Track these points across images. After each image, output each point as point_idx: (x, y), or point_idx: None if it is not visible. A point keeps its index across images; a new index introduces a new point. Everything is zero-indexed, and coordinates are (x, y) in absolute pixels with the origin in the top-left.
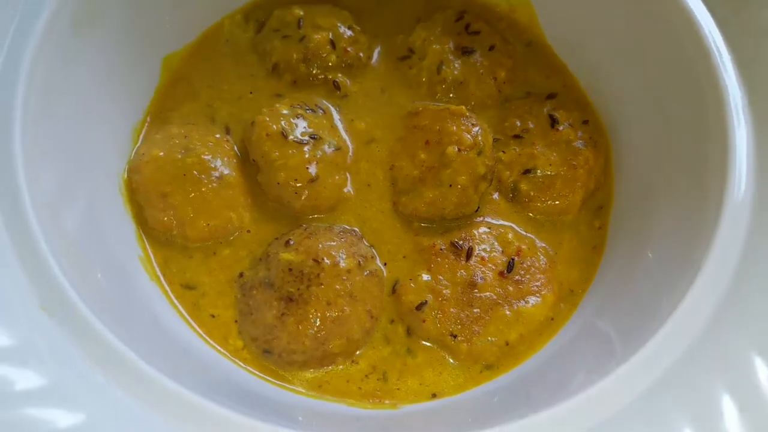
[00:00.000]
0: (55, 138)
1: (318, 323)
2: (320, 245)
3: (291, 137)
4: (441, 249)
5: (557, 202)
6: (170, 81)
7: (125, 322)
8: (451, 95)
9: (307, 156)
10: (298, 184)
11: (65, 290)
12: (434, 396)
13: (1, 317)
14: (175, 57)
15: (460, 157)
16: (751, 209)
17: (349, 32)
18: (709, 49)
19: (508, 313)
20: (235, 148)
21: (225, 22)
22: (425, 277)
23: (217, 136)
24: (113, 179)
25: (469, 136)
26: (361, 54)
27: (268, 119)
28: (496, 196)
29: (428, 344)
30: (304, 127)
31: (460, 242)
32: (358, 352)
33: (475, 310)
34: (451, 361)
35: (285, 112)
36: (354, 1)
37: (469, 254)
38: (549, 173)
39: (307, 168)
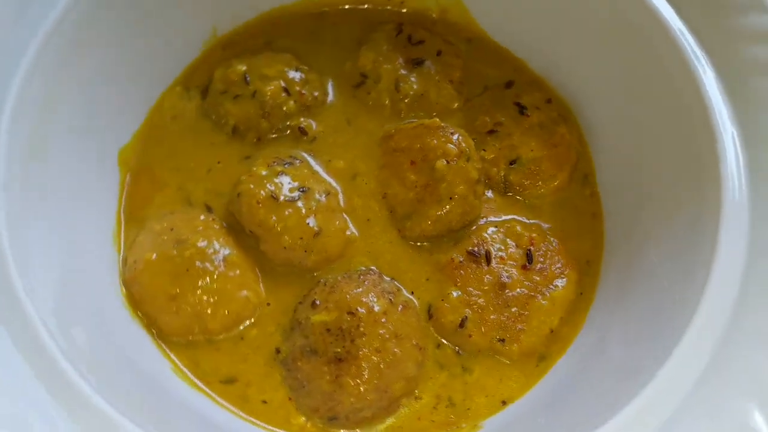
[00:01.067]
0: (46, 256)
1: (375, 373)
2: (348, 296)
3: (282, 197)
4: (460, 261)
5: (548, 183)
6: (132, 175)
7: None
8: (415, 109)
9: (303, 211)
10: (304, 242)
11: (109, 415)
12: (504, 403)
13: None
14: (128, 150)
15: (451, 168)
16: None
17: (298, 75)
18: (660, 19)
19: (543, 302)
20: (224, 225)
21: (164, 98)
22: (455, 293)
23: (201, 218)
24: (111, 295)
25: (452, 145)
26: (316, 93)
27: (252, 186)
28: (490, 194)
29: (480, 356)
30: (290, 183)
31: (476, 249)
32: (418, 388)
33: (513, 310)
34: (507, 363)
35: (264, 173)
36: (288, 42)
37: (488, 258)
38: (533, 158)
39: (308, 223)
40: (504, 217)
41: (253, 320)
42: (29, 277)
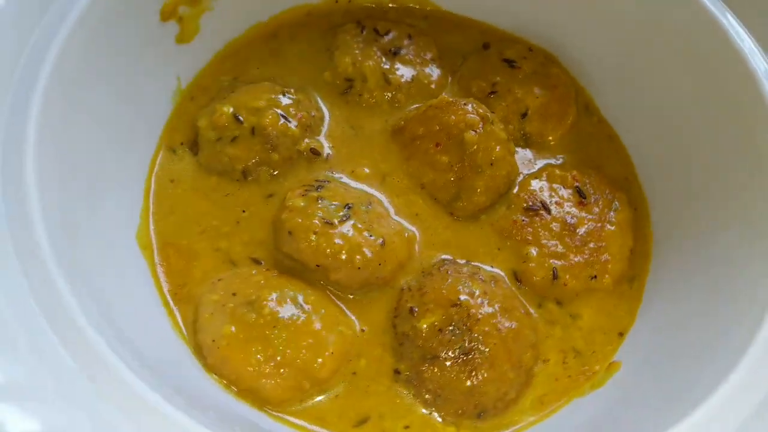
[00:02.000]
0: None
1: (505, 353)
2: (443, 291)
3: (334, 220)
4: (523, 221)
5: (564, 121)
6: (160, 256)
7: None
8: (412, 95)
9: (360, 226)
10: (373, 256)
11: None
12: (621, 334)
13: None
14: (141, 231)
15: (480, 136)
16: None
17: (286, 98)
18: None
19: (612, 228)
20: (279, 271)
21: (154, 168)
22: (533, 251)
23: (254, 272)
24: (206, 389)
25: (472, 115)
26: (313, 112)
27: (300, 220)
28: (515, 150)
29: (581, 299)
30: (332, 204)
31: (531, 204)
32: (542, 352)
33: (591, 245)
34: (607, 295)
35: (303, 204)
36: (256, 71)
37: (546, 207)
38: (541, 104)
39: (369, 237)
40: (538, 167)
41: (357, 353)
42: None
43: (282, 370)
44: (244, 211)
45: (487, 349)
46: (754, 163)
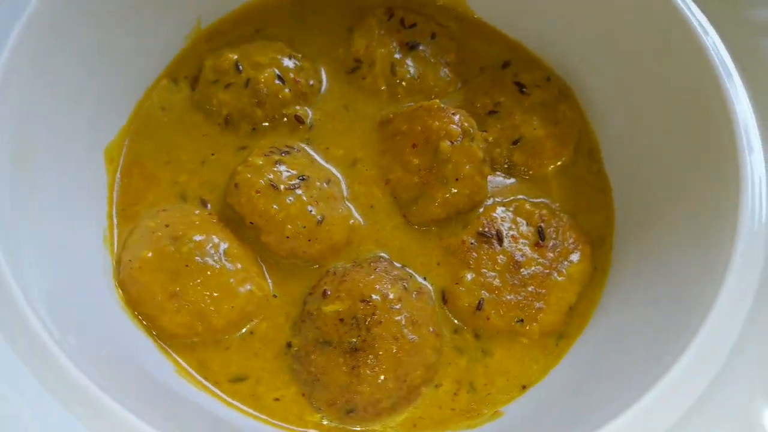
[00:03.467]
0: (40, 266)
1: (393, 362)
2: (360, 284)
3: (281, 186)
4: (471, 243)
5: (553, 161)
6: (122, 173)
7: None
8: (413, 93)
9: (305, 199)
10: (307, 231)
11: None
12: (524, 387)
13: None
14: (114, 146)
15: (456, 148)
16: None
17: (292, 62)
18: None
19: (559, 278)
20: (221, 218)
21: (152, 92)
22: (470, 276)
23: (197, 212)
24: (107, 299)
25: (455, 126)
26: (312, 81)
27: (250, 176)
28: (495, 175)
29: (499, 339)
30: (288, 171)
31: (486, 230)
32: (437, 375)
33: (530, 288)
34: (527, 343)
35: (261, 162)
36: (277, 30)
37: (500, 238)
38: (536, 136)
39: (310, 211)
40: (512, 198)
41: (261, 315)
42: (23, 282)
43: (179, 306)
44: (213, 155)
45: (377, 353)
46: None
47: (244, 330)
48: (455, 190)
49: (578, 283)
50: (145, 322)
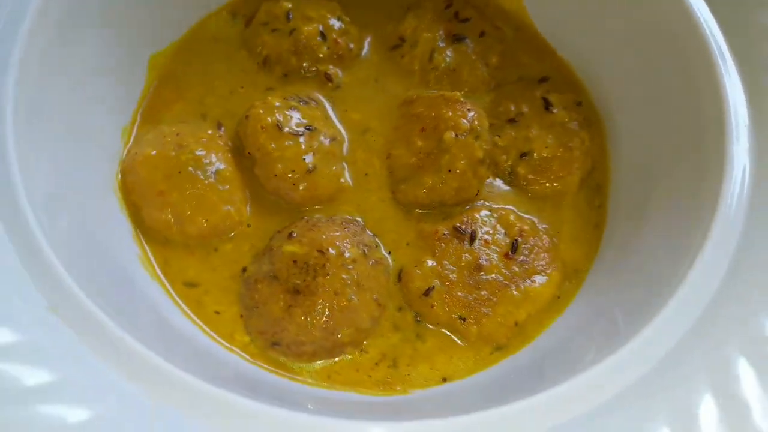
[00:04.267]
0: (47, 141)
1: (326, 313)
2: (324, 236)
3: (286, 129)
4: (444, 234)
5: (555, 184)
6: (159, 81)
7: (131, 320)
8: (443, 82)
9: (303, 147)
10: (296, 176)
11: (71, 289)
12: (445, 380)
13: (8, 317)
14: (160, 56)
15: (458, 142)
16: (749, 197)
17: (339, 23)
18: (705, 39)
19: (515, 293)
20: (229, 144)
21: (210, 19)
22: (430, 263)
23: (209, 132)
24: (106, 181)
25: (465, 121)
26: (352, 45)
27: (262, 112)
28: (493, 180)
29: (438, 329)
30: (299, 119)
31: (463, 227)
32: (366, 341)
33: (482, 293)
34: (461, 344)
35: (278, 104)
36: None
37: (472, 238)
38: (545, 155)
39: (304, 159)
40: (501, 206)
41: (232, 235)
42: (28, 160)
43: (162, 204)
44: (242, 88)
45: (314, 300)
46: None
47: (211, 245)
48: (444, 181)
49: (533, 304)
50: (131, 210)
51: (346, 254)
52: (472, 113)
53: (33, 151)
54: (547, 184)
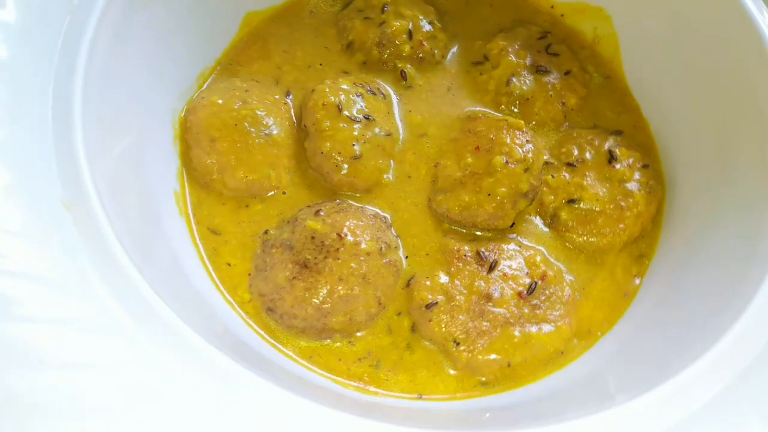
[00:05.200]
0: (123, 67)
1: (324, 295)
2: (348, 222)
3: (345, 112)
4: (466, 255)
5: (595, 239)
6: (248, 37)
7: (145, 251)
8: (514, 109)
9: (356, 133)
10: (340, 158)
11: (89, 193)
12: (420, 397)
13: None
14: (256, 15)
15: (506, 169)
16: None
17: (428, 27)
18: None
19: (517, 334)
20: (292, 113)
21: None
22: (443, 278)
23: (276, 97)
24: (169, 115)
25: (520, 150)
26: (436, 51)
27: (327, 90)
28: (533, 217)
29: (429, 345)
30: (361, 106)
31: (486, 253)
32: (358, 334)
33: (484, 324)
34: (449, 369)
35: (346, 87)
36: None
37: (492, 266)
38: (593, 208)
39: (353, 145)
40: (533, 245)
41: (266, 197)
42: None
43: (210, 150)
44: (321, 65)
45: (317, 279)
46: None
47: (244, 200)
48: (480, 203)
49: (531, 351)
50: (183, 148)
51: (363, 245)
52: (529, 145)
53: (106, 72)
54: (586, 237)
